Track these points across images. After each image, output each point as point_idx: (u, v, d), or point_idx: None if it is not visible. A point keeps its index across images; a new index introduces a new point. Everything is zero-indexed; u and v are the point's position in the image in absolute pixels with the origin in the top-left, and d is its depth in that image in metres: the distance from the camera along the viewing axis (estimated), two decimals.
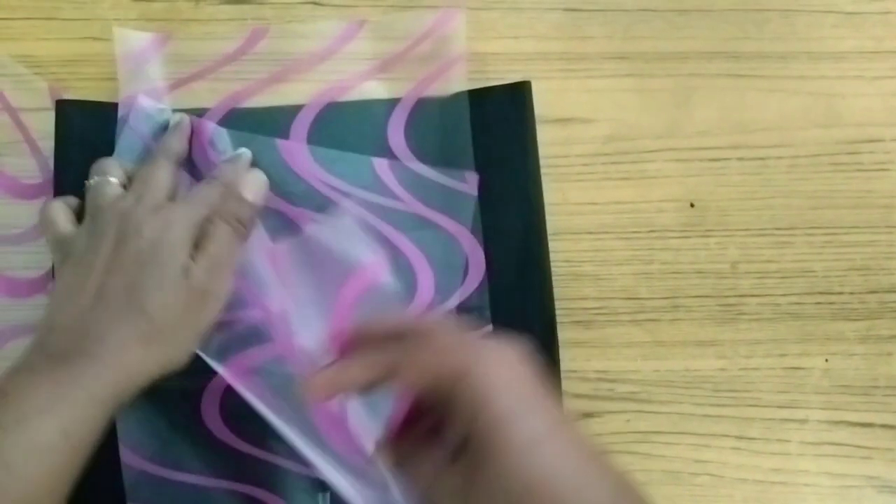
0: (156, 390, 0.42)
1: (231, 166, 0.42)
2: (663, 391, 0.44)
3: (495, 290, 0.43)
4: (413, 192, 0.44)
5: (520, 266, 0.44)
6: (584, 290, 0.45)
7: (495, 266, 0.44)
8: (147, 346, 0.36)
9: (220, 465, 0.42)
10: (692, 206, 0.45)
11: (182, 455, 0.42)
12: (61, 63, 0.45)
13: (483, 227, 0.44)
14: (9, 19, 0.46)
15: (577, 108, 0.46)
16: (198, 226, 0.39)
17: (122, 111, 0.44)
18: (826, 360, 0.45)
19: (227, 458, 0.42)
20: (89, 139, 0.43)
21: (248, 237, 0.41)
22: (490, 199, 0.44)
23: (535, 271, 0.44)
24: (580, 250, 0.45)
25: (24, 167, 0.44)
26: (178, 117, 0.43)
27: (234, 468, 0.42)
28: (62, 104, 0.44)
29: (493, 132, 0.45)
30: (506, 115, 0.45)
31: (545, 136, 0.45)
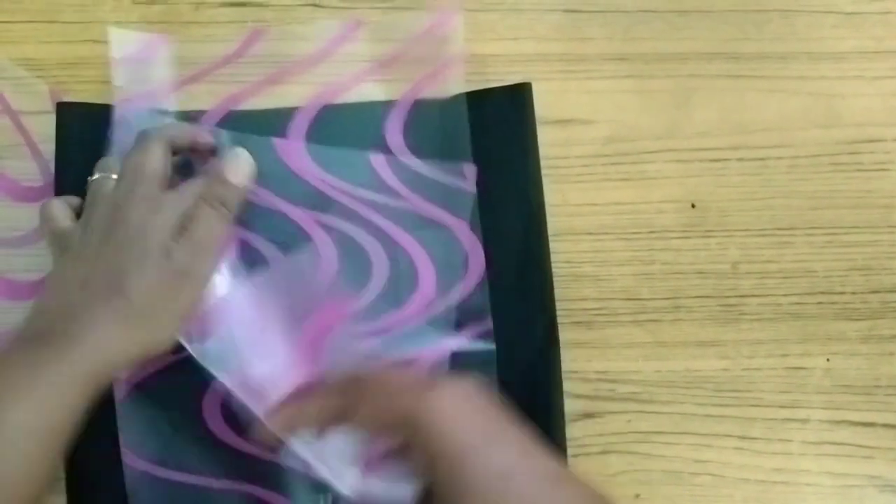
0: (157, 390, 0.42)
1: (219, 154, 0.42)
2: (664, 391, 0.44)
3: (496, 291, 0.43)
4: (411, 188, 0.44)
5: (520, 267, 0.44)
6: (584, 290, 0.45)
7: (496, 267, 0.44)
8: (125, 325, 0.36)
9: (221, 466, 0.42)
10: (693, 206, 0.45)
11: (183, 455, 0.42)
12: (62, 66, 0.45)
13: (484, 228, 0.44)
14: (9, 22, 0.46)
15: (577, 110, 0.46)
16: (185, 213, 0.38)
17: (119, 113, 0.43)
18: (828, 360, 0.45)
19: (228, 458, 0.42)
20: (90, 141, 0.43)
21: (233, 219, 0.40)
22: (490, 200, 0.44)
23: (536, 272, 0.44)
24: (580, 251, 0.45)
25: (24, 170, 0.44)
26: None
27: (235, 468, 0.42)
28: (63, 107, 0.44)
29: (494, 133, 0.45)
30: (506, 117, 0.45)
31: (545, 138, 0.45)
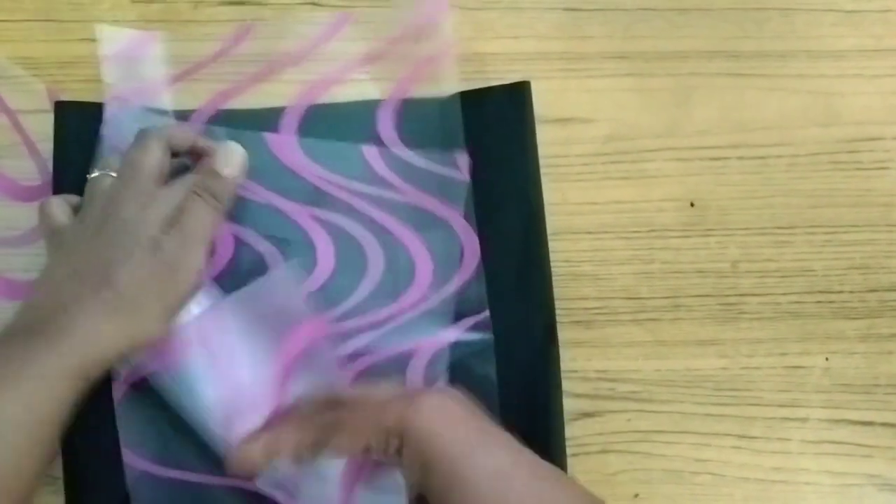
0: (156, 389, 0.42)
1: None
2: (664, 390, 0.44)
3: (495, 290, 0.43)
4: (405, 178, 0.44)
5: (520, 266, 0.44)
6: (584, 289, 0.45)
7: (495, 266, 0.43)
8: (113, 317, 0.36)
9: (221, 463, 0.42)
10: (692, 205, 0.45)
11: (184, 454, 0.42)
12: (59, 65, 0.45)
13: (482, 227, 0.44)
14: (6, 21, 0.46)
15: (576, 108, 0.46)
16: (176, 206, 0.38)
17: (110, 111, 0.43)
18: (827, 359, 0.45)
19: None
20: (88, 140, 0.43)
21: (224, 211, 0.40)
22: (489, 198, 0.44)
23: (535, 271, 0.44)
24: (580, 250, 0.45)
25: (22, 169, 0.44)
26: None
27: None
28: (61, 105, 0.44)
29: (493, 132, 0.44)
30: (505, 116, 0.45)
31: (545, 136, 0.45)
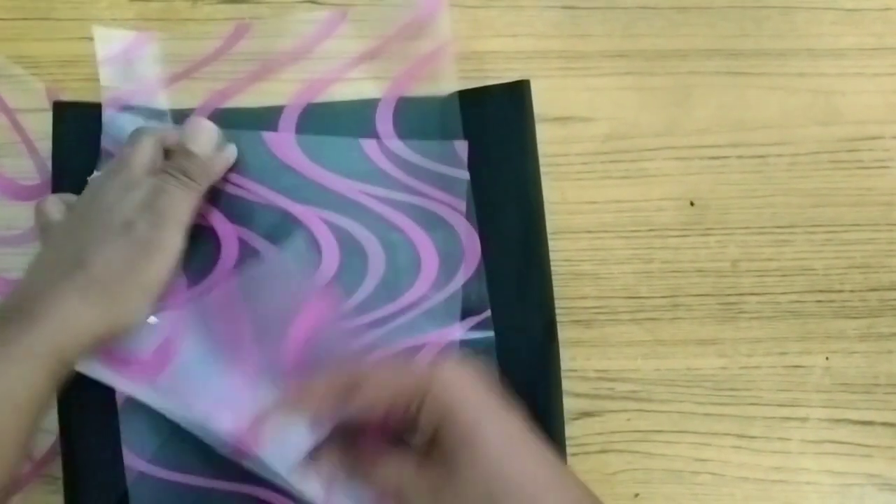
0: None
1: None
2: (664, 390, 0.44)
3: (495, 290, 0.43)
4: (405, 170, 0.44)
5: (519, 265, 0.44)
6: (583, 289, 0.45)
7: (495, 265, 0.43)
8: (87, 300, 0.36)
9: (222, 466, 0.42)
10: (692, 204, 0.45)
11: (184, 456, 0.42)
12: (58, 64, 0.45)
13: (482, 226, 0.44)
14: (5, 20, 0.46)
15: (576, 107, 0.46)
16: (152, 190, 0.38)
17: (107, 114, 0.43)
18: (827, 359, 0.44)
19: (229, 459, 0.41)
20: (87, 141, 0.43)
21: (201, 189, 0.40)
22: (489, 198, 0.44)
23: (535, 270, 0.44)
24: (580, 249, 0.45)
25: (21, 168, 0.44)
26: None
27: (237, 469, 0.41)
28: (59, 106, 0.44)
29: (492, 131, 0.44)
30: (504, 114, 0.45)
31: (544, 135, 0.45)
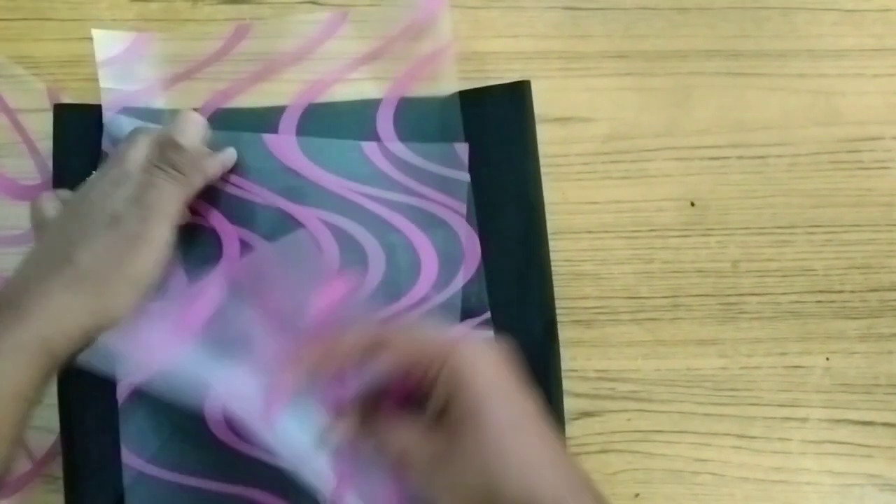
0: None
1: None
2: (664, 390, 0.44)
3: (496, 290, 0.43)
4: (406, 173, 0.44)
5: (520, 265, 0.44)
6: (584, 289, 0.45)
7: (496, 265, 0.43)
8: (73, 293, 0.36)
9: (221, 468, 0.42)
10: (692, 204, 0.45)
11: (184, 457, 0.42)
12: (59, 64, 0.45)
13: (483, 226, 0.44)
14: (6, 20, 0.46)
15: (576, 107, 0.46)
16: (141, 183, 0.38)
17: (108, 117, 0.43)
18: (827, 359, 0.45)
19: (228, 461, 0.41)
20: (87, 143, 0.43)
21: (191, 182, 0.39)
22: (490, 198, 0.44)
23: (536, 271, 0.44)
24: (580, 249, 0.45)
25: (22, 168, 0.44)
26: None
27: (235, 471, 0.42)
28: (60, 108, 0.44)
29: (493, 131, 0.44)
30: (505, 115, 0.45)
31: (545, 136, 0.45)
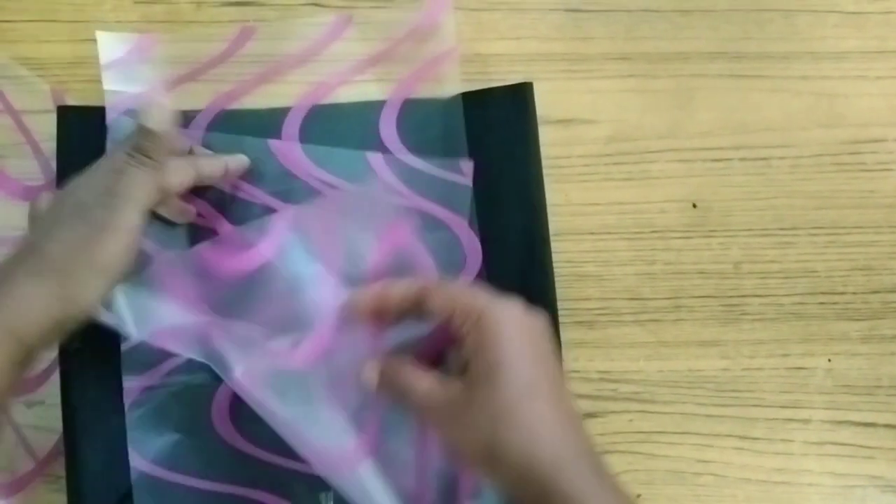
0: (167, 391, 0.42)
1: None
2: (666, 391, 0.44)
3: (498, 290, 0.43)
4: (409, 185, 0.44)
5: (522, 267, 0.44)
6: (586, 290, 0.45)
7: (498, 267, 0.44)
8: (40, 282, 0.36)
9: (227, 470, 0.42)
10: (695, 206, 0.45)
11: (189, 459, 0.42)
12: (63, 65, 0.45)
13: (485, 228, 0.44)
14: (11, 21, 0.46)
15: (579, 109, 0.46)
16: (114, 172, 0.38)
17: (111, 118, 0.43)
18: (829, 360, 0.45)
19: (234, 463, 0.42)
20: (91, 145, 0.43)
21: (160, 167, 0.38)
22: (492, 199, 0.44)
23: (538, 272, 0.44)
24: (583, 251, 0.45)
25: (26, 169, 0.44)
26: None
27: (241, 473, 0.42)
28: (64, 110, 0.44)
29: (495, 133, 0.44)
30: (507, 116, 0.45)
31: (547, 137, 0.45)
